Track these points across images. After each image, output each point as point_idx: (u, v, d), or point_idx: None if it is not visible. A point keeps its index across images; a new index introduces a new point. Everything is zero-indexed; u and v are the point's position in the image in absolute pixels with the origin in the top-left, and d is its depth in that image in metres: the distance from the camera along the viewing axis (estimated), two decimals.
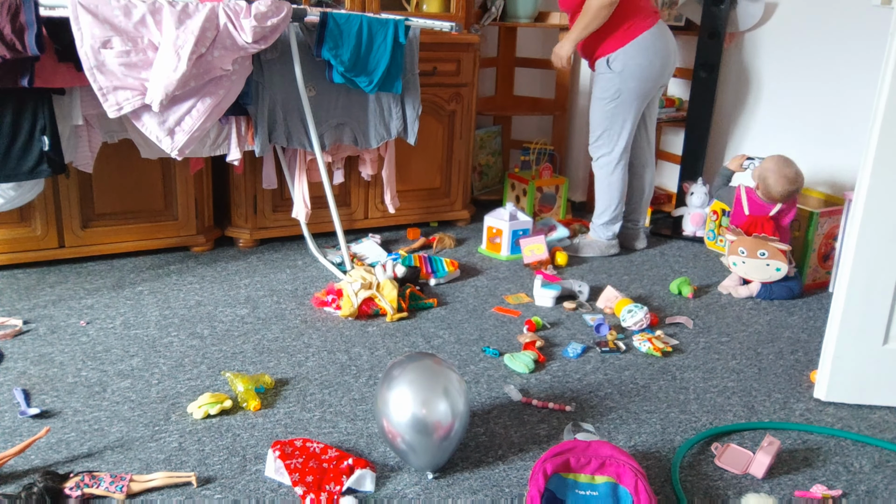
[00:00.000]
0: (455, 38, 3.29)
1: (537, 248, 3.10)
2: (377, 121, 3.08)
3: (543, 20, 3.91)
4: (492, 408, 2.06)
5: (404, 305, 2.62)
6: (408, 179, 3.44)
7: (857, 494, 1.77)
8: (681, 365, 2.36)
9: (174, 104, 2.48)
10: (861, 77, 3.06)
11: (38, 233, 2.79)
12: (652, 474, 1.79)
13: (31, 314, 2.48)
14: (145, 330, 2.42)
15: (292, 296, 2.73)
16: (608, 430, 1.98)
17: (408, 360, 1.75)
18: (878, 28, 2.97)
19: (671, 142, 3.97)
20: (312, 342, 2.39)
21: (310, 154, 3.01)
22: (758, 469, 1.80)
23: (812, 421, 2.08)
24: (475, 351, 2.38)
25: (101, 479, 1.63)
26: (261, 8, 2.51)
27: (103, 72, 2.36)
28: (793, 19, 3.29)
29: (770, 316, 2.77)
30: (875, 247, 2.01)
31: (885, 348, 2.10)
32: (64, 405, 1.97)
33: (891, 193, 1.97)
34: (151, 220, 2.99)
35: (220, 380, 2.14)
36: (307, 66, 2.84)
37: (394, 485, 1.72)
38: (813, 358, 2.43)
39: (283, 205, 3.20)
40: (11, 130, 2.39)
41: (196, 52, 2.40)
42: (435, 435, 1.66)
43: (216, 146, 2.86)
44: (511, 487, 1.73)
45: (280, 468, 1.70)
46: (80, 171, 2.76)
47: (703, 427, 2.01)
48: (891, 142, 1.93)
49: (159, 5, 2.39)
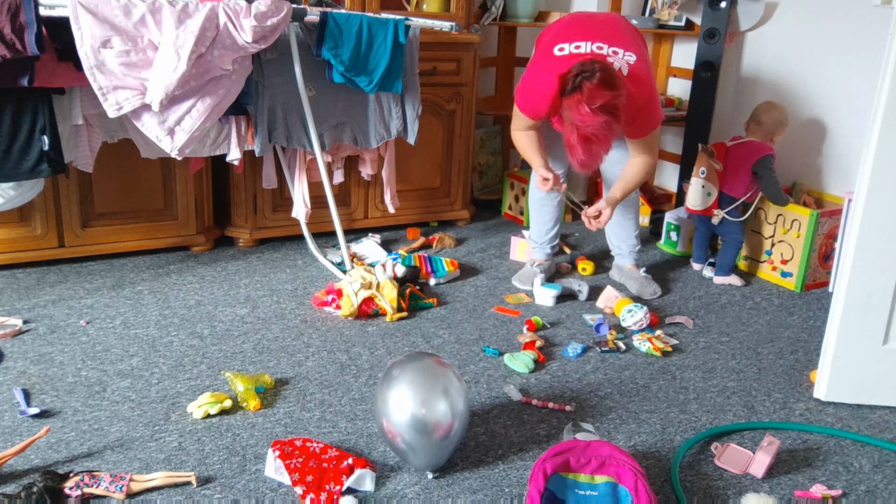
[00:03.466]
0: (455, 37, 3.29)
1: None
2: (377, 120, 3.08)
3: (543, 20, 3.91)
4: (492, 408, 2.06)
5: (404, 305, 2.62)
6: (408, 179, 3.44)
7: (856, 494, 1.77)
8: (681, 365, 2.36)
9: (174, 104, 2.48)
10: (861, 77, 3.06)
11: (38, 232, 2.79)
12: (652, 474, 1.79)
13: (31, 314, 2.48)
14: (145, 330, 2.42)
15: (292, 295, 2.73)
16: (608, 429, 1.98)
17: (407, 359, 1.75)
18: (878, 28, 2.97)
19: (671, 141, 3.97)
20: (312, 342, 2.39)
21: (310, 154, 3.01)
22: (758, 469, 1.80)
23: (812, 421, 2.08)
24: (475, 351, 2.38)
25: (100, 478, 1.63)
26: (261, 8, 2.51)
27: (103, 71, 2.36)
28: (793, 19, 3.29)
29: (770, 316, 2.77)
30: (875, 247, 2.01)
31: (885, 348, 2.10)
32: (64, 405, 1.97)
33: (891, 193, 1.97)
34: (151, 220, 2.99)
35: (219, 379, 2.14)
36: (307, 66, 2.84)
37: (394, 485, 1.72)
38: (813, 358, 2.43)
39: (282, 204, 3.20)
40: (11, 130, 2.40)
41: (196, 52, 2.40)
42: (435, 435, 1.66)
43: (216, 146, 2.86)
44: (511, 487, 1.73)
45: (280, 468, 1.70)
46: (80, 171, 2.76)
47: (702, 427, 2.01)
48: (891, 142, 1.93)
49: (159, 5, 2.39)
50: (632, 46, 2.42)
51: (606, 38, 2.40)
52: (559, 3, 3.99)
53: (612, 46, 2.39)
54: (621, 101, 2.22)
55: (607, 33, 2.42)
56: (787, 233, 3.03)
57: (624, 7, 3.81)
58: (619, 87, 2.21)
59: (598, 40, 2.39)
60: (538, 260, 2.99)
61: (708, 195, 3.01)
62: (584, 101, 2.17)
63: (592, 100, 2.17)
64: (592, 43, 2.39)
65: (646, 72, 2.42)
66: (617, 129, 2.24)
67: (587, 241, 3.49)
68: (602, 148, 2.25)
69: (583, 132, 2.20)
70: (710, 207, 3.03)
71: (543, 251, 2.98)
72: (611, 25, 2.48)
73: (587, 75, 2.18)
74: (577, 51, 2.39)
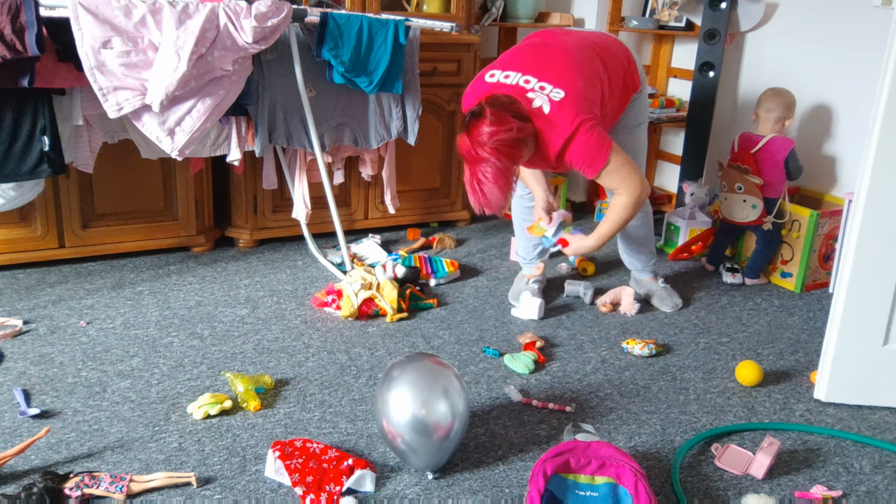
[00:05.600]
0: (455, 38, 3.30)
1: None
2: (377, 121, 3.08)
3: (543, 20, 3.91)
4: (492, 408, 2.06)
5: (404, 306, 2.62)
6: (408, 180, 3.44)
7: (857, 495, 1.77)
8: (681, 365, 2.36)
9: (174, 104, 2.48)
10: (861, 77, 3.06)
11: (38, 233, 2.79)
12: (652, 475, 1.79)
13: (31, 314, 2.48)
14: (145, 330, 2.42)
15: (292, 296, 2.73)
16: (608, 430, 1.98)
17: (407, 360, 1.75)
18: (878, 28, 2.97)
19: (671, 142, 3.97)
20: (312, 342, 2.39)
21: (310, 154, 3.01)
22: (758, 470, 1.80)
23: (812, 421, 2.08)
24: (475, 351, 2.38)
25: (100, 479, 1.63)
26: (261, 8, 2.51)
27: (103, 72, 2.36)
28: (793, 20, 3.29)
29: (770, 316, 2.77)
30: (875, 247, 2.01)
31: (886, 349, 2.10)
32: (64, 405, 1.97)
33: (891, 193, 1.97)
34: (151, 221, 2.99)
35: (220, 380, 2.14)
36: (307, 67, 2.84)
37: (394, 485, 1.72)
38: (813, 358, 2.43)
39: (283, 205, 3.20)
40: (12, 130, 2.40)
41: (196, 53, 2.40)
42: (435, 435, 1.66)
43: (216, 146, 2.86)
44: (511, 488, 1.73)
45: (280, 468, 1.70)
46: (80, 172, 2.76)
47: (703, 427, 2.01)
48: (891, 142, 1.93)
49: (159, 5, 2.39)
50: (566, 82, 2.19)
51: (541, 72, 2.23)
52: (559, 3, 3.99)
53: (542, 81, 2.19)
54: (510, 138, 2.05)
55: (547, 65, 2.25)
56: (788, 233, 3.03)
57: (624, 8, 3.81)
58: (508, 123, 2.05)
59: (529, 73, 2.23)
60: (529, 276, 2.82)
61: (753, 207, 2.97)
62: (470, 140, 2.06)
63: (475, 138, 2.04)
64: (523, 75, 2.21)
65: (571, 109, 2.16)
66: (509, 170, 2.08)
67: None
68: (496, 187, 2.08)
69: (473, 172, 2.08)
70: (761, 216, 2.99)
71: (532, 265, 2.85)
72: (561, 55, 2.27)
73: (477, 113, 2.06)
74: (505, 80, 2.23)
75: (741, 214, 3.01)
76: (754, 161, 2.96)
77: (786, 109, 2.98)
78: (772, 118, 2.98)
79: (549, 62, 2.26)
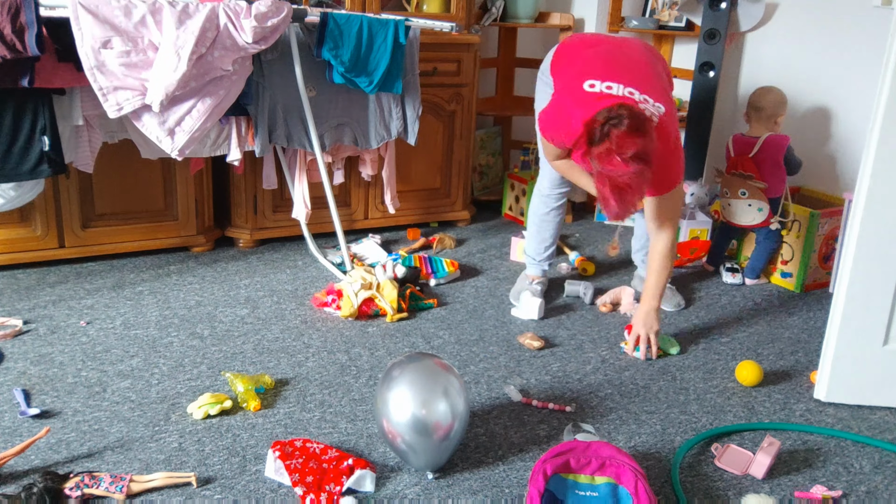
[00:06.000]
0: (455, 38, 3.30)
1: None
2: (377, 121, 3.08)
3: (544, 20, 3.91)
4: (492, 408, 2.06)
5: (404, 306, 2.62)
6: (408, 180, 3.44)
7: (857, 495, 1.77)
8: (681, 366, 2.36)
9: (174, 104, 2.48)
10: (861, 77, 3.06)
11: (38, 233, 2.79)
12: (652, 475, 1.79)
13: (31, 314, 2.48)
14: (145, 330, 2.42)
15: (292, 296, 2.73)
16: (608, 430, 1.98)
17: (407, 360, 1.75)
18: (878, 28, 2.97)
19: None
20: (312, 342, 2.39)
21: (310, 154, 3.01)
22: (758, 470, 1.80)
23: (812, 421, 2.08)
24: (475, 351, 2.38)
25: (101, 479, 1.63)
26: (261, 8, 2.51)
27: (103, 72, 2.36)
28: (793, 20, 3.29)
29: (770, 316, 2.77)
30: (875, 247, 2.01)
31: (886, 349, 2.10)
32: (64, 405, 1.97)
33: (891, 193, 1.97)
34: (151, 221, 2.99)
35: (220, 380, 2.14)
36: (307, 67, 2.84)
37: (394, 485, 1.72)
38: (813, 358, 2.43)
39: (283, 205, 3.20)
40: (11, 130, 2.40)
41: (196, 53, 2.40)
42: (435, 435, 1.66)
43: (216, 146, 2.86)
44: (511, 488, 1.73)
45: (280, 468, 1.70)
46: (80, 172, 2.76)
47: (703, 427, 2.01)
48: (891, 142, 1.93)
49: (159, 5, 2.39)
50: (662, 95, 2.26)
51: (639, 83, 2.24)
52: (559, 3, 3.99)
53: (643, 94, 2.21)
54: (652, 146, 2.06)
55: (639, 76, 2.27)
56: (788, 233, 3.03)
57: (624, 8, 3.81)
58: (650, 132, 2.04)
59: (630, 85, 2.23)
60: (533, 276, 2.83)
61: (759, 210, 2.97)
62: (615, 151, 2.01)
63: (622, 149, 2.00)
64: (625, 87, 2.21)
65: (672, 124, 2.25)
66: (650, 176, 2.08)
67: (587, 242, 3.49)
68: (636, 197, 2.09)
69: (615, 183, 2.05)
70: (768, 218, 2.99)
71: (540, 267, 2.84)
72: (643, 65, 2.32)
73: (615, 122, 2.02)
74: (608, 91, 2.21)
75: (747, 218, 3.01)
76: (754, 165, 2.95)
77: (776, 107, 2.97)
78: (762, 117, 2.98)
79: (642, 76, 2.28)
